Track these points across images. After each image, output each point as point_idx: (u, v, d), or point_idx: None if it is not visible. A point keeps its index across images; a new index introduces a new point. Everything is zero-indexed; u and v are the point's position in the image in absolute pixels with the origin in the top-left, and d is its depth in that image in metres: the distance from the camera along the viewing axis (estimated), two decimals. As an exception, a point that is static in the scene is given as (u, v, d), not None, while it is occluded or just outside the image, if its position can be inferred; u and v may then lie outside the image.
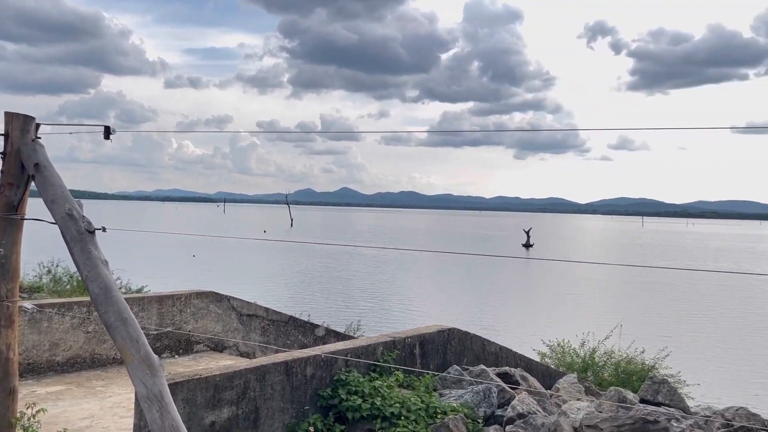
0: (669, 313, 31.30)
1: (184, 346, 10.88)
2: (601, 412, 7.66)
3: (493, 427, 7.44)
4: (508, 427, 7.14)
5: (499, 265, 52.40)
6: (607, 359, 13.48)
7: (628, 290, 40.85)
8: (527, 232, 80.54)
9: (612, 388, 8.76)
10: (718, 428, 7.30)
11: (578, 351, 13.81)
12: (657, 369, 13.36)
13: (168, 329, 10.48)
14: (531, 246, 78.46)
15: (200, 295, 11.26)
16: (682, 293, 39.13)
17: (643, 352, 13.71)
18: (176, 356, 10.66)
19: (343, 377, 7.06)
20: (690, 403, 11.87)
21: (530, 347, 14.99)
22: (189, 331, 10.92)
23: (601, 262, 54.94)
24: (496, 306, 33.10)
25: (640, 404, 8.11)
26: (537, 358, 13.69)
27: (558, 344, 14.25)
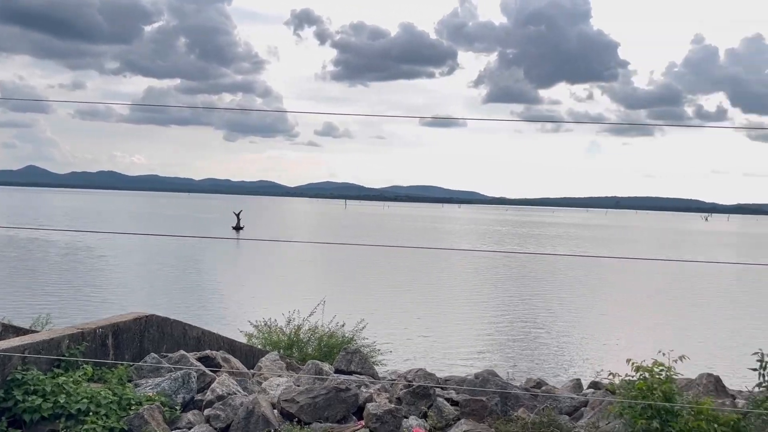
0: (368, 287, 33.91)
1: None
2: (299, 386, 8.00)
3: (191, 412, 7.31)
4: (206, 410, 7.07)
5: (207, 248, 51.56)
6: (311, 335, 14.07)
7: (333, 268, 43.27)
8: (237, 215, 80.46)
9: (310, 361, 9.18)
10: (401, 389, 8.07)
11: (284, 329, 14.20)
12: (355, 340, 14.35)
13: None
14: (241, 228, 78.61)
15: None
16: (382, 269, 42.62)
17: (343, 326, 14.55)
18: None
19: (19, 376, 6.32)
20: (383, 368, 13.04)
21: (238, 329, 15.04)
22: None
23: (310, 241, 57.31)
24: (204, 290, 32.59)
25: (336, 374, 8.64)
26: (244, 339, 13.80)
27: (265, 324, 14.50)
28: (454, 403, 7.71)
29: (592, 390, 9.27)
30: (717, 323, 26.14)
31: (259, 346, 12.94)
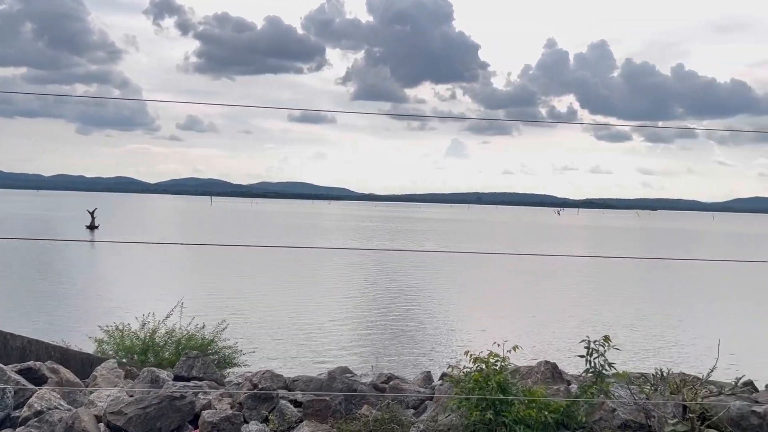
0: (233, 288, 32.92)
1: None
2: (132, 396, 7.45)
3: (4, 430, 6.59)
4: (19, 429, 6.40)
5: (58, 251, 48.00)
6: (168, 338, 13.38)
7: (194, 268, 41.66)
8: (92, 213, 75.62)
9: (145, 369, 8.61)
10: (245, 392, 7.75)
11: (138, 333, 13.39)
12: (216, 342, 13.79)
13: None
14: (96, 227, 73.99)
15: None
16: (248, 269, 41.60)
17: (203, 327, 13.96)
18: None
19: None
20: (245, 369, 12.61)
21: (87, 335, 14.00)
22: None
23: (180, 243, 54.86)
24: (52, 296, 30.17)
25: (175, 381, 8.16)
26: (93, 346, 12.85)
27: (116, 328, 13.58)
28: (298, 404, 7.50)
29: (440, 383, 9.41)
30: (566, 312, 27.77)
31: (110, 353, 12.09)
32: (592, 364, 6.93)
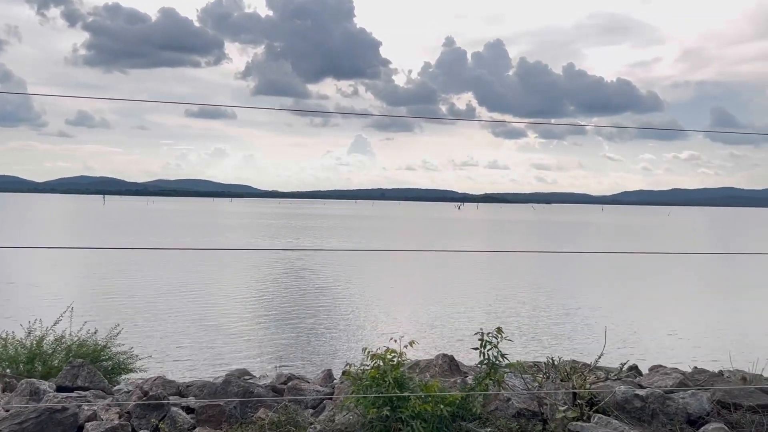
0: (125, 290, 31.52)
1: None
2: (8, 410, 6.92)
3: None
4: None
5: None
6: (57, 345, 12.60)
7: (85, 272, 39.61)
8: (-31, 215, 70.56)
9: (24, 381, 8.05)
10: (135, 400, 7.38)
11: (24, 341, 12.51)
12: (110, 348, 13.14)
13: None
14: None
15: None
16: (140, 270, 39.96)
17: (95, 333, 13.26)
18: None
19: None
20: (138, 376, 12.05)
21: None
22: None
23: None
24: None
25: (57, 393, 7.66)
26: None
27: (-1, 337, 12.62)
28: (191, 411, 7.21)
29: (340, 381, 9.34)
30: (466, 305, 28.43)
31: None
32: (486, 356, 7.06)
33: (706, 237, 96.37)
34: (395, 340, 6.75)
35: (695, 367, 9.83)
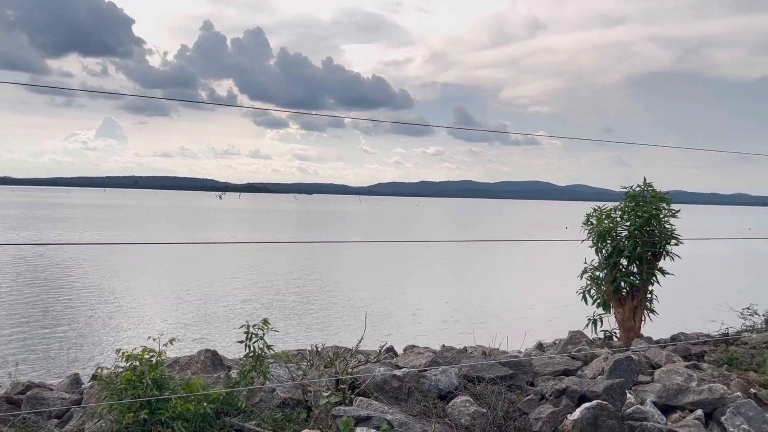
0: None
1: None
2: None
3: None
4: None
5: None
6: None
7: None
8: None
9: None
10: None
11: None
12: None
13: None
14: None
15: None
16: None
17: None
18: None
19: None
20: None
21: None
22: None
23: None
24: None
25: None
26: None
27: None
28: None
29: (89, 385, 8.56)
30: (229, 298, 27.89)
31: None
32: (252, 348, 6.96)
33: (449, 225, 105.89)
34: (154, 339, 6.34)
35: (443, 345, 10.68)
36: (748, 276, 39.76)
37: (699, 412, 7.58)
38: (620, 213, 11.49)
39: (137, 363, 6.01)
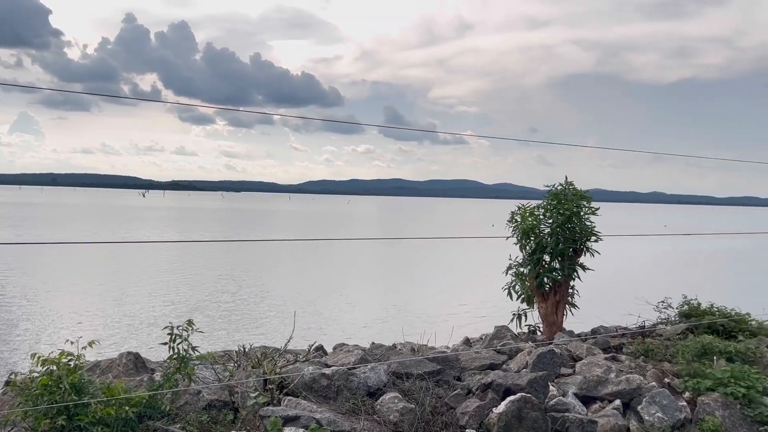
0: None
1: None
2: None
3: None
4: None
5: None
6: None
7: None
8: None
9: None
10: None
11: None
12: None
13: None
14: None
15: None
16: None
17: None
18: None
19: None
20: None
21: None
22: None
23: None
24: None
25: None
26: None
27: None
28: None
29: (2, 391, 8.15)
30: (153, 300, 27.13)
31: None
32: (176, 350, 6.79)
33: (379, 223, 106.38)
34: (72, 342, 6.10)
35: (373, 343, 10.72)
36: (664, 271, 41.73)
37: (617, 402, 7.90)
38: (543, 211, 11.81)
39: (54, 367, 5.77)
